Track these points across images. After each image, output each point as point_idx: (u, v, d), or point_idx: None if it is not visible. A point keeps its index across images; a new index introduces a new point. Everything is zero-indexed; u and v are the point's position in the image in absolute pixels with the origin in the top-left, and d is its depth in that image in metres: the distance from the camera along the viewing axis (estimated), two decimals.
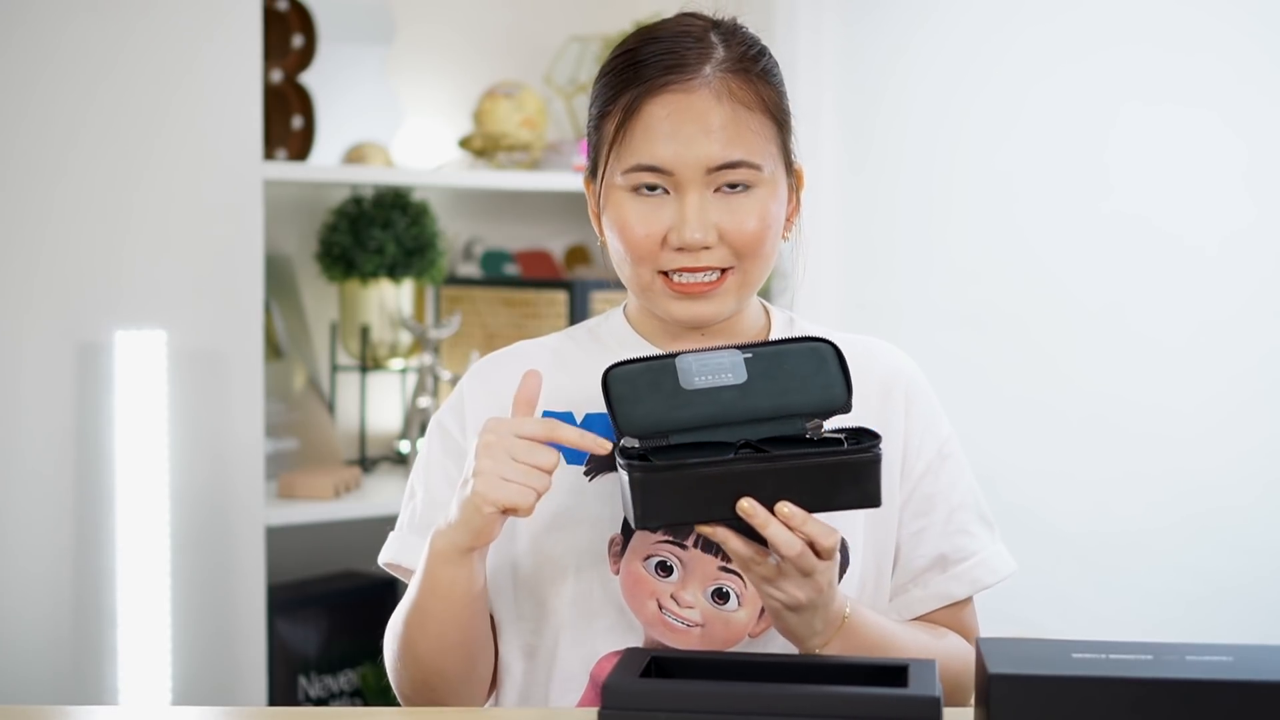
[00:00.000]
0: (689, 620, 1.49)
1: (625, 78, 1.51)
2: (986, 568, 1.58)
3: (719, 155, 1.48)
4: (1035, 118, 2.96)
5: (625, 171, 1.50)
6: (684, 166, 1.48)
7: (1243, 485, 2.64)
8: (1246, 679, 1.17)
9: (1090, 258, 2.86)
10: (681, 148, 1.48)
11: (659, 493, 1.33)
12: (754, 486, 1.32)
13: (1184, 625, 2.69)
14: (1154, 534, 2.75)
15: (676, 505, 1.33)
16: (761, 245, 1.50)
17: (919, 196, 3.18)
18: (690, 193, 1.48)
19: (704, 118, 1.48)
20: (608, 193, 1.53)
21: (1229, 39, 2.67)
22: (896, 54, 3.21)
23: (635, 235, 1.49)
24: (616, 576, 1.50)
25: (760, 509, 1.32)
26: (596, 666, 1.50)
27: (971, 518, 1.59)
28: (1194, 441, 2.71)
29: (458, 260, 3.34)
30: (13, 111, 2.56)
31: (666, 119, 1.48)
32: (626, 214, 1.50)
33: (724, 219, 1.48)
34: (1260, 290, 2.63)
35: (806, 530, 1.33)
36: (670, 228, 1.48)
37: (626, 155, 1.50)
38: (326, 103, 2.99)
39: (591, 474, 1.52)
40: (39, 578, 2.57)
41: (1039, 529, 2.86)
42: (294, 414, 3.05)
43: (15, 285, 2.57)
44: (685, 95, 1.48)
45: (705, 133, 1.48)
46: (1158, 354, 2.76)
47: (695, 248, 1.48)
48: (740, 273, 1.51)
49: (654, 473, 1.32)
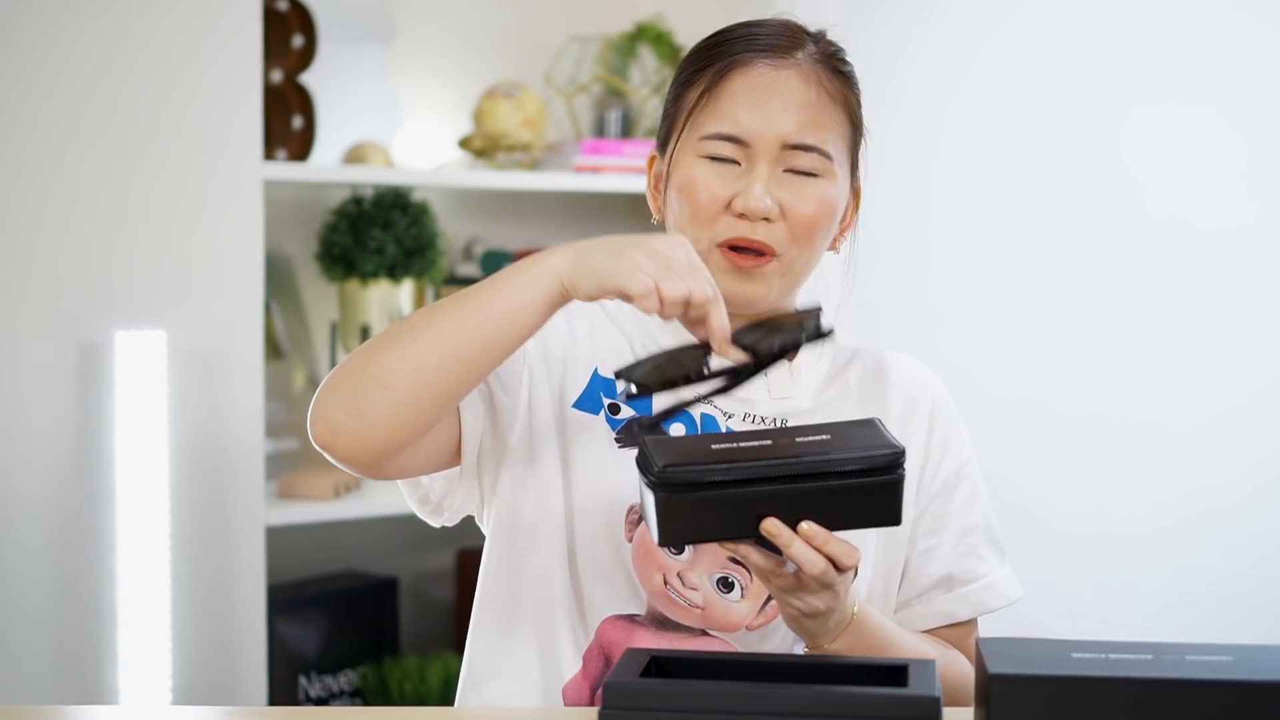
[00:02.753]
0: (691, 601, 1.51)
1: (717, 52, 1.55)
2: (992, 592, 1.59)
3: (796, 134, 1.51)
4: (1035, 118, 2.96)
5: (702, 138, 1.52)
6: (760, 139, 1.50)
7: (1242, 485, 2.64)
8: (1246, 679, 1.17)
9: (1090, 257, 2.86)
10: (762, 120, 1.50)
11: (682, 514, 1.33)
12: (777, 506, 1.32)
13: (1183, 625, 2.69)
14: (1154, 534, 2.75)
15: (699, 526, 1.34)
16: (815, 233, 1.52)
17: (919, 196, 3.17)
18: (761, 165, 1.50)
19: (790, 96, 1.51)
20: (679, 159, 1.55)
21: (1229, 39, 2.67)
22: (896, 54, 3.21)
23: (701, 197, 1.51)
24: (630, 544, 1.51)
25: (784, 529, 1.32)
26: (601, 626, 1.52)
27: (982, 541, 1.60)
28: (1194, 441, 2.71)
29: (458, 260, 3.34)
30: (12, 111, 2.56)
31: (753, 90, 1.51)
32: (696, 176, 1.52)
33: (787, 197, 1.51)
34: (1259, 289, 2.63)
35: (829, 549, 1.33)
36: (736, 194, 1.50)
37: (707, 121, 1.52)
38: (326, 103, 2.99)
39: (622, 444, 1.54)
40: (39, 578, 2.57)
41: (1039, 529, 2.86)
42: (294, 414, 3.05)
43: (15, 285, 2.57)
44: (775, 71, 1.52)
45: (787, 110, 1.51)
46: (1158, 353, 2.76)
47: (756, 216, 1.49)
48: (786, 261, 1.52)
49: (681, 496, 1.32)
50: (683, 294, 1.33)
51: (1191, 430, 2.71)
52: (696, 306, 1.34)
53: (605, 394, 1.56)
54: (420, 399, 1.38)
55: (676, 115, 1.57)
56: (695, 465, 1.32)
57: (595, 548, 1.52)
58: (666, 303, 1.33)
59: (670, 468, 1.32)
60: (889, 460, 1.34)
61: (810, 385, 1.59)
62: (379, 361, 1.38)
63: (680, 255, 1.35)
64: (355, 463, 1.42)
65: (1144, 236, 2.78)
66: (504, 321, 1.38)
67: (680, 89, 1.57)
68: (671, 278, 1.34)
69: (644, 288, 1.33)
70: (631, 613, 1.52)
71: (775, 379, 1.57)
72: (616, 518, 1.52)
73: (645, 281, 1.33)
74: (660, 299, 1.33)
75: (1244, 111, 2.65)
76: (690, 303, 1.34)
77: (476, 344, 1.38)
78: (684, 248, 1.36)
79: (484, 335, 1.38)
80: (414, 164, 3.20)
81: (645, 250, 1.35)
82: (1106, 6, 2.84)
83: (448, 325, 1.38)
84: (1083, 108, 2.87)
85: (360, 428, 1.38)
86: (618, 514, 1.52)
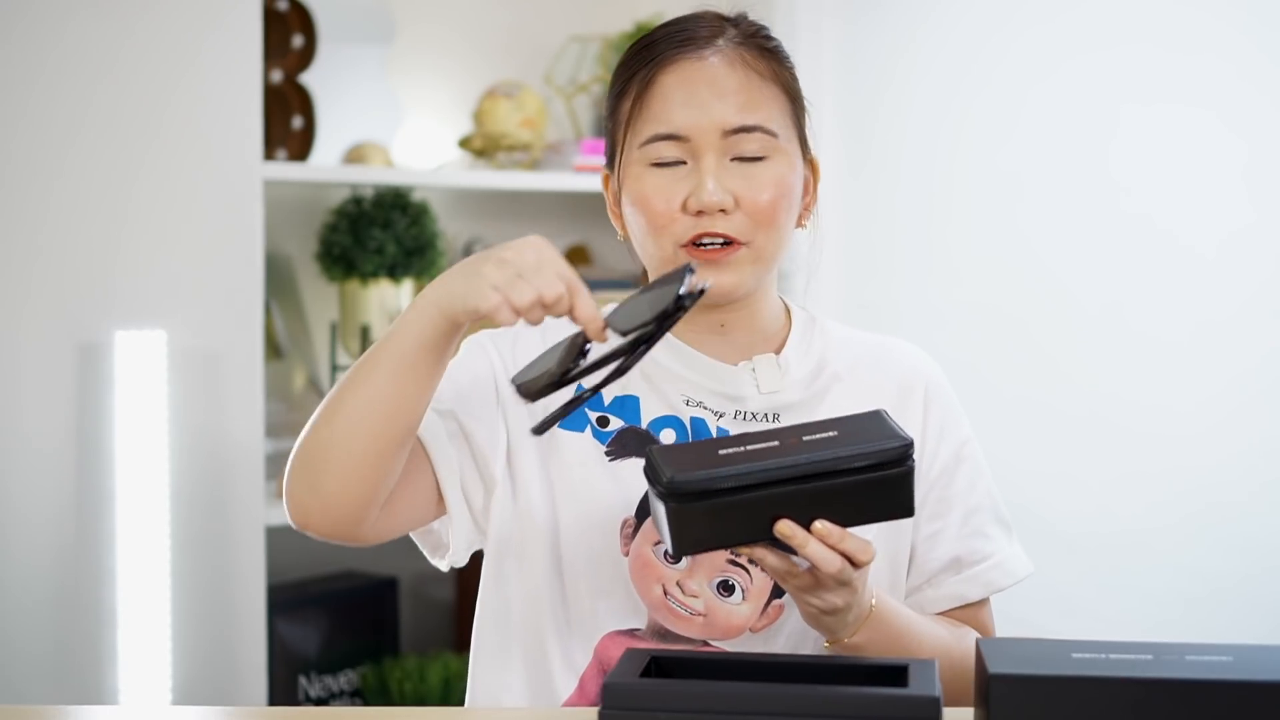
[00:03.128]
0: (692, 609, 1.50)
1: (639, 59, 1.55)
2: (1002, 570, 1.59)
3: (734, 119, 1.50)
4: (1035, 117, 2.96)
5: (643, 144, 1.51)
6: (700, 132, 1.49)
7: (1242, 485, 2.64)
8: (1246, 679, 1.17)
9: (1090, 257, 2.86)
10: (697, 113, 1.50)
11: (695, 523, 1.32)
12: (789, 507, 1.32)
13: (1183, 625, 2.69)
14: (1154, 534, 2.75)
15: (713, 533, 1.33)
16: (776, 216, 1.51)
17: (919, 196, 3.17)
18: (707, 158, 1.49)
19: (718, 83, 1.51)
20: (626, 173, 1.54)
21: (1229, 39, 2.67)
22: (896, 54, 3.21)
23: (655, 206, 1.51)
24: (626, 558, 1.51)
25: (799, 530, 1.32)
26: (600, 643, 1.51)
27: (988, 520, 1.59)
28: (1194, 441, 2.71)
29: (458, 260, 3.34)
30: (12, 111, 2.56)
31: (680, 86, 1.51)
32: (645, 187, 1.51)
33: (740, 186, 1.50)
34: (1260, 290, 2.63)
35: (844, 546, 1.33)
36: (689, 194, 1.49)
37: (643, 128, 1.52)
38: (326, 103, 2.99)
39: (613, 456, 1.53)
40: (39, 577, 2.57)
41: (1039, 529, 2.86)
42: (294, 414, 3.05)
43: (15, 285, 2.57)
44: (698, 63, 1.52)
45: (719, 97, 1.50)
46: (1158, 353, 2.76)
47: (713, 210, 1.49)
48: (754, 247, 1.51)
49: (692, 505, 1.31)
50: (531, 298, 1.30)
51: (1191, 430, 2.71)
52: (551, 305, 1.31)
53: (590, 407, 1.55)
54: (362, 463, 1.41)
55: (615, 130, 1.56)
56: (704, 473, 1.31)
57: (591, 565, 1.51)
58: (520, 311, 1.30)
59: (679, 477, 1.31)
60: (898, 453, 1.33)
61: (799, 377, 1.58)
62: (316, 437, 1.42)
63: (529, 257, 1.32)
64: (334, 534, 1.45)
65: (1144, 236, 2.78)
66: (405, 369, 1.38)
67: (615, 102, 1.57)
68: (518, 285, 1.30)
69: (492, 304, 1.30)
70: (631, 627, 1.51)
71: (763, 374, 1.56)
72: (611, 533, 1.51)
73: (492, 298, 1.30)
74: (513, 309, 1.30)
75: (1245, 111, 2.65)
76: (544, 303, 1.31)
77: (391, 398, 1.39)
78: (534, 248, 1.33)
79: (394, 388, 1.39)
80: (414, 164, 3.20)
81: (495, 262, 1.32)
82: (1106, 6, 2.84)
83: (361, 388, 1.40)
84: (1083, 107, 2.87)
85: (323, 503, 1.42)
86: (612, 529, 1.51)
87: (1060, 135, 2.91)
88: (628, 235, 1.58)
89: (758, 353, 1.58)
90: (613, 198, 1.60)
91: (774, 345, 1.59)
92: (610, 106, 1.58)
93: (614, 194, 1.59)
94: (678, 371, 1.56)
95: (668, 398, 1.55)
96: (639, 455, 1.51)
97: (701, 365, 1.56)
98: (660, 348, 1.55)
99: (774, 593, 1.51)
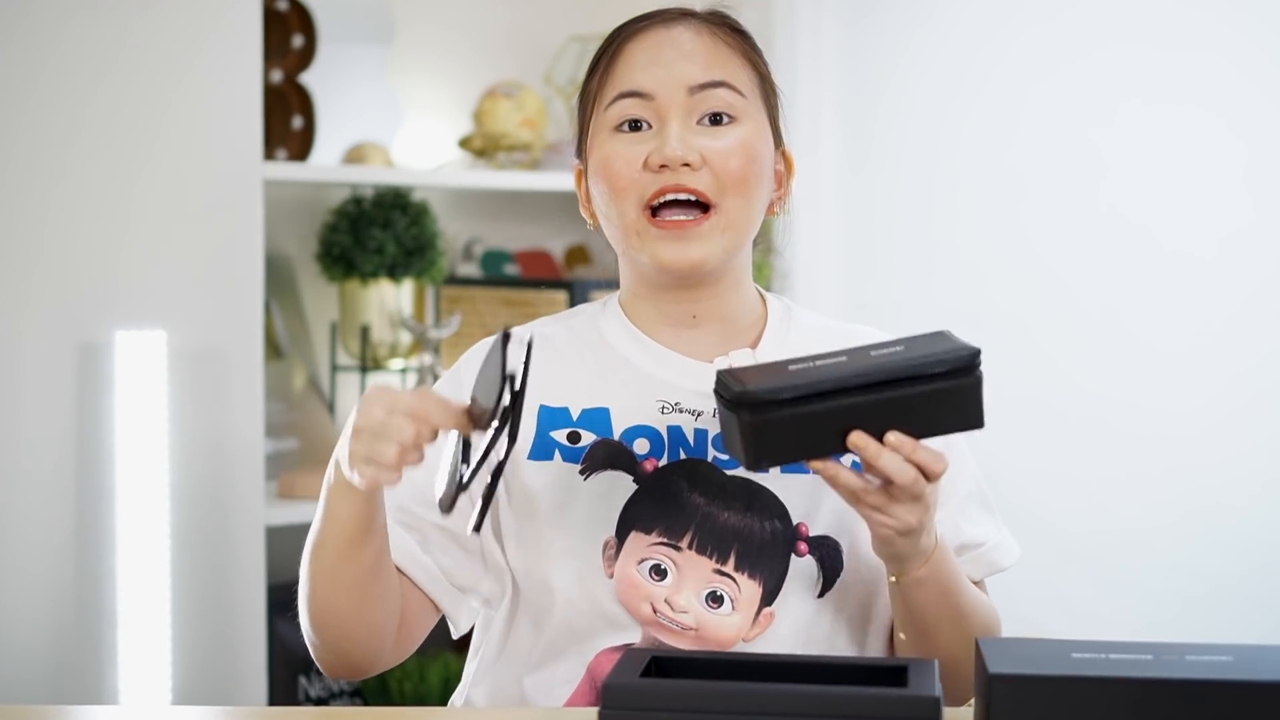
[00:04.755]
0: (683, 624, 1.48)
1: (606, 42, 1.55)
2: (1001, 550, 1.59)
3: (699, 75, 1.49)
4: (1035, 117, 2.96)
5: (607, 107, 1.51)
6: (663, 88, 1.49)
7: (1242, 485, 2.64)
8: (1246, 679, 1.17)
9: (1090, 257, 2.86)
10: (662, 71, 1.49)
11: (771, 435, 1.32)
12: (862, 420, 1.32)
13: (1183, 624, 2.69)
14: (1153, 533, 2.75)
15: (787, 446, 1.33)
16: (746, 182, 1.49)
17: (919, 196, 3.17)
18: (672, 118, 1.48)
19: (684, 45, 1.50)
20: (593, 145, 1.53)
21: (1229, 39, 2.67)
22: (896, 54, 3.21)
23: (617, 165, 1.49)
24: (611, 579, 1.50)
25: (872, 442, 1.32)
26: (594, 662, 1.50)
27: (977, 506, 1.59)
28: (1194, 441, 2.71)
29: (458, 260, 3.34)
30: (12, 111, 2.56)
31: (648, 49, 1.51)
32: (608, 151, 1.51)
33: (705, 144, 1.48)
34: (1260, 290, 2.63)
35: (917, 458, 1.33)
36: (652, 151, 1.48)
37: (609, 90, 1.51)
38: (326, 103, 2.99)
39: (587, 473, 1.51)
40: (39, 578, 2.57)
41: (1039, 529, 2.86)
42: (294, 414, 3.05)
43: (15, 285, 2.57)
44: (665, 30, 1.52)
45: (685, 56, 1.50)
46: (1158, 353, 2.76)
47: (677, 164, 1.46)
48: (723, 214, 1.49)
49: (765, 415, 1.31)
50: (395, 454, 1.29)
51: (1191, 431, 2.71)
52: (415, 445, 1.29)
53: (553, 427, 1.53)
54: (350, 617, 1.46)
55: (584, 110, 1.56)
56: (778, 381, 1.32)
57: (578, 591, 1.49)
58: (396, 468, 1.30)
59: (752, 386, 1.32)
60: (968, 360, 1.34)
61: None
62: (306, 611, 1.48)
63: (376, 414, 1.30)
64: (359, 673, 1.52)
65: (1144, 236, 2.78)
66: (346, 544, 1.41)
67: (584, 86, 1.57)
68: (379, 448, 1.29)
69: (370, 478, 1.31)
70: (625, 643, 1.49)
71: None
72: (593, 557, 1.49)
73: (368, 472, 1.31)
74: (390, 470, 1.30)
75: (1246, 111, 2.65)
76: (408, 448, 1.29)
77: (350, 567, 1.43)
78: (376, 402, 1.30)
79: (349, 560, 1.42)
80: (414, 164, 3.20)
81: (355, 435, 1.32)
82: (1106, 5, 2.84)
83: (318, 566, 1.44)
84: (1083, 107, 2.87)
85: (336, 656, 1.49)
86: (593, 553, 1.49)
87: (1060, 135, 2.91)
88: (599, 224, 1.56)
89: (733, 347, 1.55)
90: (584, 193, 1.58)
91: (750, 338, 1.57)
92: (579, 98, 1.58)
93: (585, 188, 1.58)
94: (650, 371, 1.54)
95: (641, 405, 1.53)
96: (614, 468, 1.50)
97: (675, 363, 1.54)
98: (632, 347, 1.55)
99: (763, 601, 1.50)
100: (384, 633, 1.50)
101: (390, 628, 1.51)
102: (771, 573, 1.49)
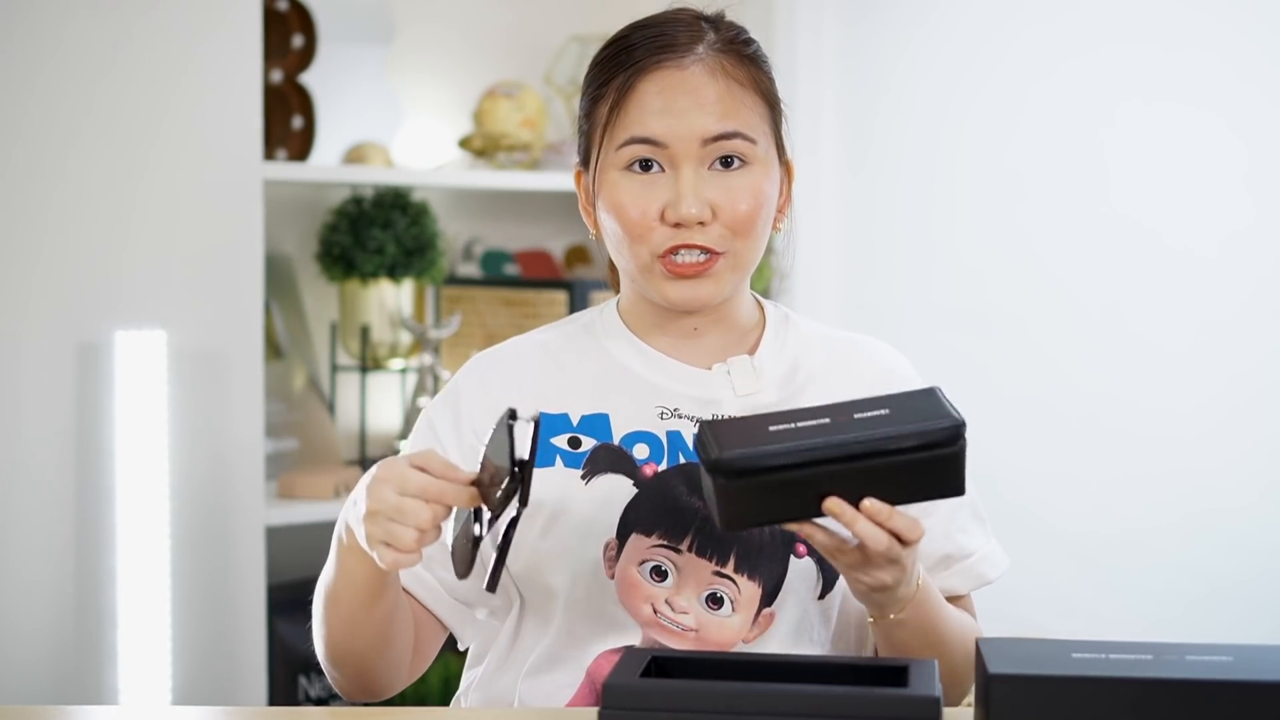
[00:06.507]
0: (684, 625, 1.49)
1: (617, 61, 1.53)
2: (989, 563, 1.59)
3: (714, 127, 1.49)
4: (1035, 117, 2.96)
5: (619, 147, 1.50)
6: (678, 139, 1.48)
7: (1242, 485, 2.64)
8: (1246, 679, 1.17)
9: (1090, 257, 2.86)
10: (675, 120, 1.48)
11: (746, 500, 1.32)
12: (839, 485, 1.31)
13: (1183, 624, 2.69)
14: (1153, 534, 2.75)
15: (763, 509, 1.33)
16: (754, 225, 1.50)
17: (919, 196, 3.17)
18: (685, 167, 1.49)
19: (697, 92, 1.49)
20: (602, 177, 1.53)
21: (1229, 39, 2.67)
22: (896, 54, 3.21)
23: (631, 214, 1.50)
24: (612, 581, 1.50)
25: (848, 508, 1.32)
26: (594, 664, 1.50)
27: (969, 516, 1.59)
28: (1194, 441, 2.71)
29: (458, 260, 3.34)
30: (13, 111, 2.56)
31: (660, 94, 1.49)
32: (621, 194, 1.51)
33: (718, 196, 1.49)
34: (1260, 290, 2.63)
35: (892, 525, 1.33)
36: (667, 204, 1.48)
37: (620, 132, 1.51)
38: (326, 103, 2.99)
39: (588, 476, 1.52)
40: (39, 578, 2.57)
41: (1039, 529, 2.86)
42: (294, 414, 3.05)
43: (15, 285, 2.57)
44: (678, 71, 1.50)
45: (699, 106, 1.49)
46: (1157, 354, 2.76)
47: (691, 223, 1.48)
48: (732, 255, 1.50)
49: (740, 482, 1.31)
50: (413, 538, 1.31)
51: (1191, 431, 2.71)
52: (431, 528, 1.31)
53: (552, 433, 1.54)
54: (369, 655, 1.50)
55: (592, 131, 1.55)
56: (754, 449, 1.31)
57: (580, 593, 1.50)
58: (413, 550, 1.32)
59: (728, 453, 1.31)
60: (950, 433, 1.32)
61: (774, 378, 1.56)
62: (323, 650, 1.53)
63: (389, 499, 1.31)
64: (377, 697, 1.56)
65: (1145, 236, 2.78)
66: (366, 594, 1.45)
67: (590, 105, 1.56)
68: (395, 532, 1.31)
69: (391, 562, 1.33)
70: (625, 645, 1.50)
71: (738, 376, 1.55)
72: (594, 559, 1.50)
73: (387, 557, 1.32)
74: (407, 554, 1.32)
75: (1246, 111, 2.65)
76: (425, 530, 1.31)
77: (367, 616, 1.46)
78: (386, 483, 1.32)
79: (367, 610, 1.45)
80: (414, 164, 3.20)
81: (369, 518, 1.33)
82: (1106, 5, 2.84)
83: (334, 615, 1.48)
84: (1083, 107, 2.87)
85: (356, 686, 1.54)
86: (594, 555, 1.50)
87: (1060, 135, 2.91)
88: (600, 235, 1.57)
89: (732, 354, 1.56)
90: (585, 196, 1.58)
91: (748, 345, 1.58)
92: (585, 108, 1.57)
93: (587, 192, 1.58)
94: (649, 379, 1.55)
95: (640, 411, 1.54)
96: (614, 471, 1.51)
97: (674, 370, 1.55)
98: (631, 354, 1.56)
99: (763, 601, 1.50)
100: (402, 661, 1.54)
101: (407, 653, 1.54)
102: (771, 574, 1.50)
